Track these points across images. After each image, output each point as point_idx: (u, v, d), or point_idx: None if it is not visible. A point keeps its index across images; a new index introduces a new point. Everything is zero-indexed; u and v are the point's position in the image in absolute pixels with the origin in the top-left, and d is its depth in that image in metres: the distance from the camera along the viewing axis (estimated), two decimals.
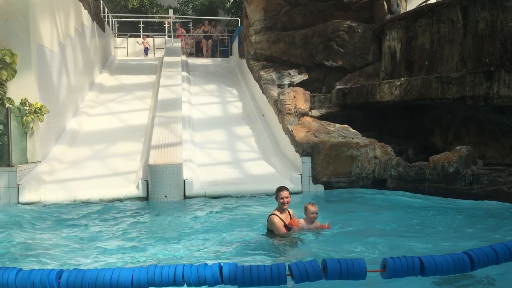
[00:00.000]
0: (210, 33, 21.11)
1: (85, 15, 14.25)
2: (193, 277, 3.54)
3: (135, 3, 23.67)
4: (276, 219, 5.63)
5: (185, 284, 3.53)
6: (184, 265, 3.58)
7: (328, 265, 3.48)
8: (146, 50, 20.82)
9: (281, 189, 5.76)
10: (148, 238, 6.02)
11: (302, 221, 5.93)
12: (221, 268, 3.54)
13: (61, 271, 3.64)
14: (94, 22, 15.61)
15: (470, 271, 3.72)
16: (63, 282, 3.58)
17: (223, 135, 12.27)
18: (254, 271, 3.54)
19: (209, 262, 3.58)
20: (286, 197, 5.70)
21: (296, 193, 9.31)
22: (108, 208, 8.10)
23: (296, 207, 7.94)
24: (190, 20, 22.77)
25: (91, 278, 3.55)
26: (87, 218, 7.34)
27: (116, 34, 21.43)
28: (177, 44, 20.06)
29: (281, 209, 5.75)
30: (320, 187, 9.61)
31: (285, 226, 5.68)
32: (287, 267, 3.52)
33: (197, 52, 21.66)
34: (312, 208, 5.85)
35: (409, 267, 3.56)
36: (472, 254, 3.72)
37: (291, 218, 5.87)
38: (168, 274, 3.54)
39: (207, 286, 3.49)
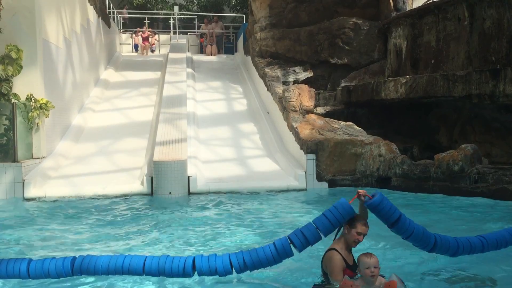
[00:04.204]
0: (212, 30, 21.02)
1: (91, 11, 14.27)
2: (205, 268, 3.67)
3: (140, 0, 23.71)
4: (336, 257, 3.75)
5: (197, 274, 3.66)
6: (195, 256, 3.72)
7: (318, 225, 3.65)
8: (136, 46, 20.69)
9: (364, 222, 3.85)
10: (152, 234, 6.05)
11: (357, 282, 3.68)
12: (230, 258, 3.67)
13: (74, 258, 3.75)
14: (100, 18, 15.63)
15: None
16: (77, 267, 3.72)
17: (227, 132, 12.28)
18: (260, 252, 3.68)
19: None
20: (364, 235, 3.83)
21: (300, 190, 9.34)
22: (112, 204, 8.13)
23: (297, 207, 7.98)
24: (195, 16, 22.76)
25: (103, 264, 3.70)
26: (91, 214, 7.38)
27: (122, 30, 21.46)
28: (182, 40, 20.07)
29: (347, 244, 3.85)
30: (324, 185, 9.61)
31: (348, 269, 3.79)
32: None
33: (200, 50, 21.60)
34: (368, 260, 3.63)
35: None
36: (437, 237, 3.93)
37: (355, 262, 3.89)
38: (178, 265, 3.67)
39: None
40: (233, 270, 3.63)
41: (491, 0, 9.44)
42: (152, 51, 20.63)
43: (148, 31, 20.77)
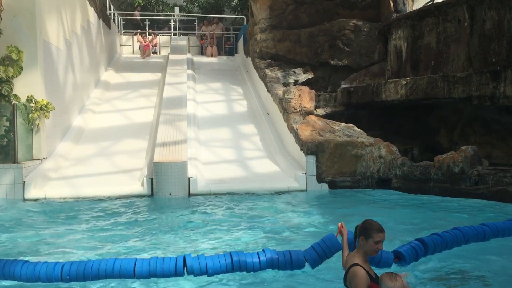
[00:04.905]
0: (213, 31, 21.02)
1: (91, 13, 14.28)
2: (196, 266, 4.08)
3: (141, 1, 23.72)
4: (361, 272, 3.46)
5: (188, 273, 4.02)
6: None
7: (307, 257, 4.19)
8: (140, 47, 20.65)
9: (379, 228, 3.60)
10: (152, 236, 6.05)
11: None
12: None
13: (64, 264, 3.82)
14: (100, 19, 15.64)
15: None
16: (66, 273, 3.82)
17: (228, 133, 12.28)
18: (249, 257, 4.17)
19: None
20: (382, 241, 3.62)
21: (300, 191, 9.33)
22: (112, 205, 8.13)
23: (298, 208, 7.97)
24: (196, 18, 22.77)
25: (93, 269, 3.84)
26: (91, 215, 7.38)
27: (122, 32, 21.47)
28: (183, 42, 20.08)
29: (366, 255, 3.62)
30: (324, 186, 9.60)
31: (373, 282, 3.47)
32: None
33: (200, 51, 21.58)
34: (393, 286, 3.28)
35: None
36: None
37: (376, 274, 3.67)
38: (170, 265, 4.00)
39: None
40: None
41: (491, 2, 9.44)
42: (154, 52, 20.61)
43: (149, 33, 20.78)
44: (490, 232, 4.88)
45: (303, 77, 13.81)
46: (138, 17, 22.90)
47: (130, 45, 20.98)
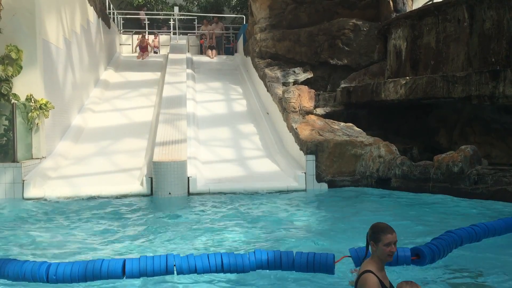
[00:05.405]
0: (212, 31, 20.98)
1: (91, 12, 14.27)
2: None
3: (140, 0, 23.69)
4: (372, 280, 3.21)
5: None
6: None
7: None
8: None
9: (387, 229, 3.34)
10: (151, 235, 6.04)
11: None
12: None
13: (50, 264, 3.82)
14: (100, 18, 15.63)
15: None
16: (52, 274, 3.83)
17: (227, 133, 12.28)
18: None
19: None
20: (395, 242, 3.31)
21: (300, 191, 9.33)
22: (112, 204, 8.13)
23: (297, 208, 7.97)
24: (195, 17, 22.75)
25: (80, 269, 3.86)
26: (91, 214, 7.37)
27: (121, 31, 21.45)
28: (182, 41, 20.07)
29: (380, 262, 3.33)
30: (324, 186, 9.61)
31: None
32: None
33: (200, 51, 21.54)
34: None
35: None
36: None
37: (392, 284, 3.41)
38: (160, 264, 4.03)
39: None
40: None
41: (491, 2, 9.44)
42: (155, 52, 20.54)
43: (149, 33, 20.73)
44: (482, 232, 4.89)
45: (303, 76, 13.82)
46: (144, 17, 22.83)
47: (129, 44, 20.94)
